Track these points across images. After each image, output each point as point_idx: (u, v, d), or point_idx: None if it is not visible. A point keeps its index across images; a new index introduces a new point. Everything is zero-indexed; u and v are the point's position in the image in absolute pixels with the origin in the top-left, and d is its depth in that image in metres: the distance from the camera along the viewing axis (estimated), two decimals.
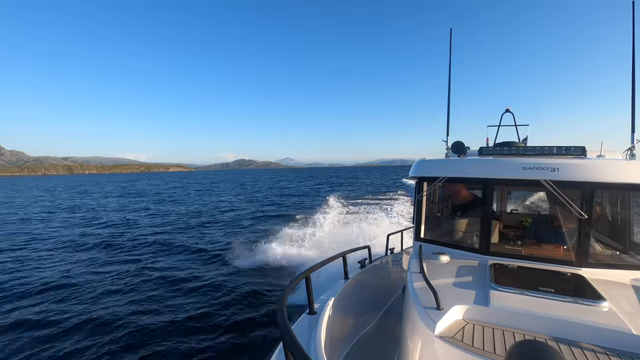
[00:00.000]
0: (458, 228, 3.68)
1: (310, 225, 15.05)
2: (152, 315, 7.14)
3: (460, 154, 3.60)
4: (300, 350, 1.37)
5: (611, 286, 2.51)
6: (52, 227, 19.18)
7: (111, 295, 8.27)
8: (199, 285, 8.95)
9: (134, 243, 14.21)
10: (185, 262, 11.26)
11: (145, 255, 12.19)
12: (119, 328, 6.50)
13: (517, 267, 2.88)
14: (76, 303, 7.78)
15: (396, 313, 4.04)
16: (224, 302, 7.80)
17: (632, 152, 3.18)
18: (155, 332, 6.37)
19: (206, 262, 11.28)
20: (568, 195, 2.79)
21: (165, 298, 8.06)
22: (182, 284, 9.01)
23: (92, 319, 6.89)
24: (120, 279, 9.41)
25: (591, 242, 2.89)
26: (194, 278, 9.49)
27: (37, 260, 11.91)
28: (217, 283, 9.04)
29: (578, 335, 1.94)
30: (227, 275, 9.73)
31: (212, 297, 8.13)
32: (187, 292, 8.50)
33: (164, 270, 10.19)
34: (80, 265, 11.03)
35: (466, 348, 1.87)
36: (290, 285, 2.28)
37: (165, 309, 7.39)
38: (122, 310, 7.28)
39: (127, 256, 12.17)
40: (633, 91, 3.35)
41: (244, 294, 8.29)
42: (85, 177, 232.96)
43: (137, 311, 7.29)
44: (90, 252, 12.86)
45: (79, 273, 10.09)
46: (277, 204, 29.54)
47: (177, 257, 11.88)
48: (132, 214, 24.61)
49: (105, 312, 7.18)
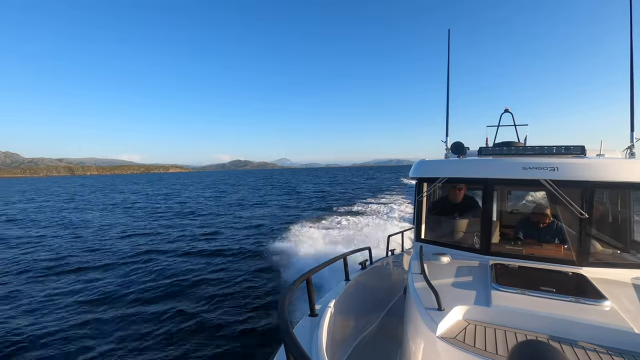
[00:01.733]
0: (458, 228, 3.68)
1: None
2: (150, 315, 7.15)
3: (460, 154, 3.60)
4: (301, 353, 1.36)
5: (612, 285, 2.50)
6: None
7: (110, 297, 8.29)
8: (198, 285, 8.95)
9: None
10: (187, 262, 11.28)
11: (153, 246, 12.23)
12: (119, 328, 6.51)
13: (518, 267, 2.87)
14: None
15: (397, 314, 4.03)
16: (225, 304, 7.79)
17: (632, 151, 3.18)
18: (154, 333, 6.37)
19: (206, 263, 11.29)
20: (568, 194, 2.79)
21: (162, 299, 8.08)
22: (182, 284, 9.02)
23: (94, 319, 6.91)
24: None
25: (592, 241, 2.89)
26: (193, 278, 9.48)
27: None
28: (217, 285, 9.04)
29: (580, 335, 1.94)
30: (227, 277, 9.72)
31: (212, 299, 8.11)
32: (186, 292, 8.51)
33: (164, 271, 10.20)
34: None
35: (468, 349, 1.86)
36: (291, 288, 2.28)
37: (163, 310, 7.38)
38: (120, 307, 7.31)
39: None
40: (632, 90, 3.35)
41: (245, 296, 8.28)
42: (93, 178, 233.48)
43: (137, 311, 7.30)
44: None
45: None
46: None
47: (179, 257, 11.89)
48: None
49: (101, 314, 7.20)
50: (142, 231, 17.76)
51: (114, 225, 19.91)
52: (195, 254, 12.66)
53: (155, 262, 11.50)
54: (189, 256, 12.32)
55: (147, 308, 7.62)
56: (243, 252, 12.46)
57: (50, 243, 15.23)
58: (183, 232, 17.29)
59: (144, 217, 23.93)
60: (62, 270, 10.81)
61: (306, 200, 32.30)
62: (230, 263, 11.27)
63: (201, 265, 11.13)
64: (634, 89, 3.36)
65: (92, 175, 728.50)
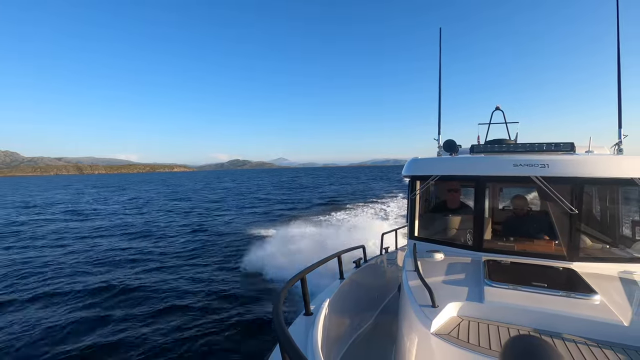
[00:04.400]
0: (451, 226, 3.71)
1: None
2: (148, 315, 7.08)
3: (452, 152, 3.63)
4: (296, 352, 1.36)
5: (602, 279, 2.55)
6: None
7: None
8: (196, 285, 8.87)
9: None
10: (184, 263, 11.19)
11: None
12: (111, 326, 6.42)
13: (510, 262, 2.91)
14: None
15: (392, 312, 4.05)
16: (219, 304, 7.74)
17: (620, 147, 3.25)
18: (150, 333, 6.29)
19: (205, 263, 11.20)
20: (558, 190, 2.83)
21: (157, 298, 7.98)
22: (177, 284, 8.94)
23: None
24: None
25: (582, 236, 2.94)
26: (191, 279, 9.40)
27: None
28: (212, 284, 8.96)
29: (571, 329, 1.97)
30: (222, 276, 9.65)
31: (207, 298, 8.05)
32: (183, 293, 8.43)
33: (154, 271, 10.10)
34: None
35: (462, 345, 1.88)
36: (286, 287, 2.27)
37: (160, 309, 7.30)
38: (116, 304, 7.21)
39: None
40: (619, 88, 3.42)
41: (240, 295, 8.24)
42: (105, 177, 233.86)
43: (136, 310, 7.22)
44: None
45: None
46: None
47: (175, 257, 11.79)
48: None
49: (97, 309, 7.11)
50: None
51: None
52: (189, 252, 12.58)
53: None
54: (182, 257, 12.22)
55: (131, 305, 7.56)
56: (239, 250, 12.39)
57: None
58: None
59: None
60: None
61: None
62: (226, 261, 11.21)
63: (201, 265, 11.06)
64: (621, 87, 3.43)
65: (100, 174, 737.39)
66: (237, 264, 10.95)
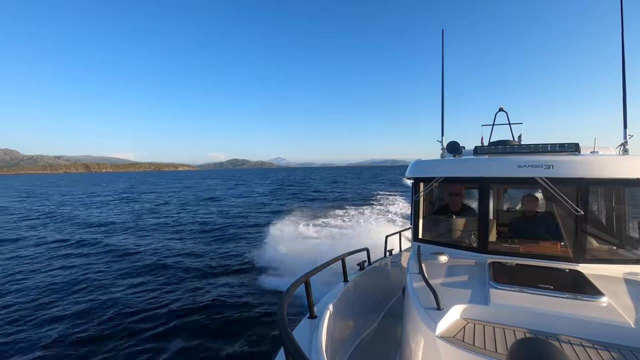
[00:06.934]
0: (455, 227, 3.69)
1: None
2: (147, 315, 7.13)
3: (456, 153, 3.62)
4: (301, 355, 1.36)
5: (609, 281, 2.52)
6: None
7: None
8: (198, 287, 8.88)
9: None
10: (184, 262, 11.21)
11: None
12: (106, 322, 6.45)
13: (515, 264, 2.88)
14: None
15: (396, 314, 4.03)
16: (223, 306, 7.73)
17: (625, 148, 3.22)
18: (151, 334, 6.32)
19: (205, 264, 11.19)
20: (563, 191, 2.81)
21: (162, 297, 8.00)
22: (181, 284, 8.95)
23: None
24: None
25: (588, 237, 2.91)
26: (191, 279, 9.41)
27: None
28: (215, 287, 8.96)
29: (578, 331, 1.94)
30: (226, 279, 9.64)
31: (211, 301, 8.05)
32: (183, 293, 8.45)
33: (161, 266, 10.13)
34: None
35: (467, 348, 1.86)
36: (289, 290, 2.26)
37: (162, 309, 7.32)
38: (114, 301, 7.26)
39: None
40: (624, 88, 3.39)
41: (244, 298, 8.23)
42: (118, 176, 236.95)
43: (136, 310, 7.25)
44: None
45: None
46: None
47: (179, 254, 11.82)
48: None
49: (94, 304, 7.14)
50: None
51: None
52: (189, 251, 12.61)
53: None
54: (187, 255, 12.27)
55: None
56: (244, 253, 12.40)
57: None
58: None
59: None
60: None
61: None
62: (230, 264, 11.22)
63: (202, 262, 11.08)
64: (626, 87, 3.41)
65: (107, 172, 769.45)
66: (237, 264, 10.96)
